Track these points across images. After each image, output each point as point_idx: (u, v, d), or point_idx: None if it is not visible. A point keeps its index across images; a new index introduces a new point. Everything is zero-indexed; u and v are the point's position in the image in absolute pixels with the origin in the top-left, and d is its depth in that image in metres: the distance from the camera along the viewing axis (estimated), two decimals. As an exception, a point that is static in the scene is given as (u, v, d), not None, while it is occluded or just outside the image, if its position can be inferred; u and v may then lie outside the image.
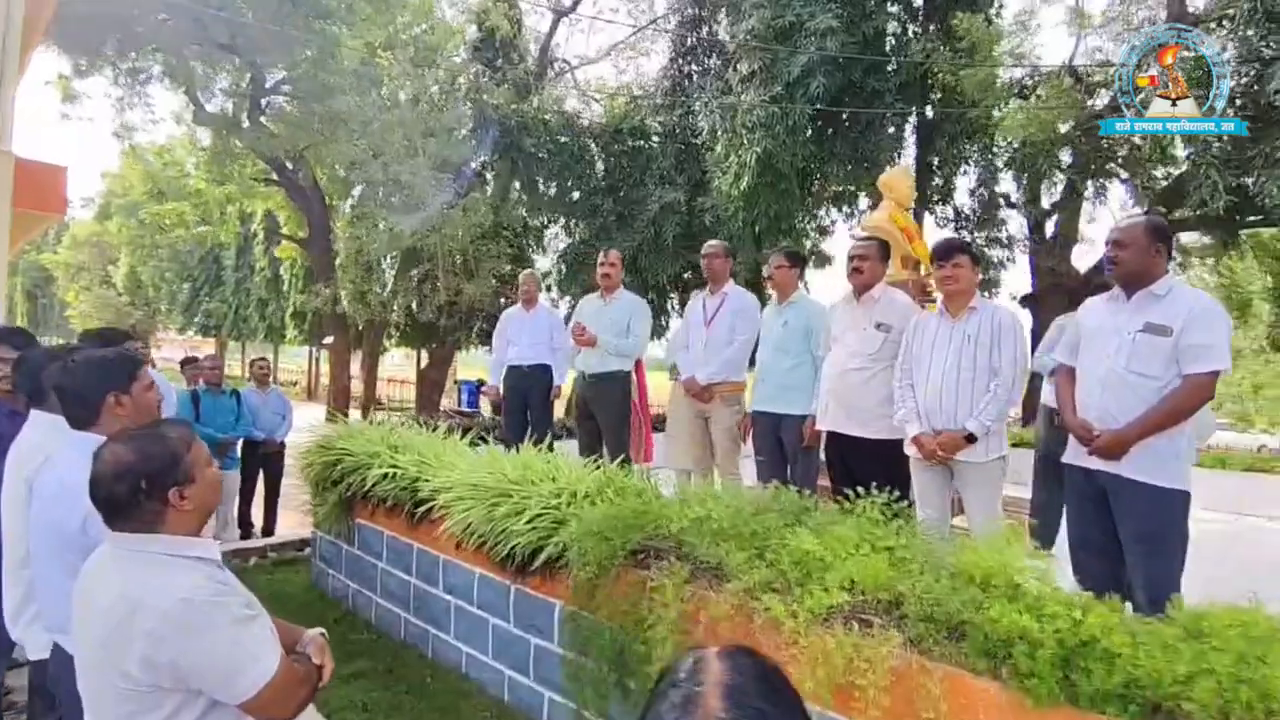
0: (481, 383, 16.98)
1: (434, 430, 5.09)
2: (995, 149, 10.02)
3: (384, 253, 13.96)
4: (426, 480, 4.22)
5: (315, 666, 1.68)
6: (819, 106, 9.55)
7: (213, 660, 1.40)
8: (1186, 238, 11.21)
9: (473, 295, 13.96)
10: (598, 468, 3.66)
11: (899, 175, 5.58)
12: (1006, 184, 10.93)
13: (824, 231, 12.66)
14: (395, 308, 15.87)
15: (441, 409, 15.60)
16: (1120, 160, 9.09)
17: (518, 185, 14.14)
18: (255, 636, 1.46)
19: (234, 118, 15.79)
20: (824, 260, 13.03)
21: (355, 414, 17.80)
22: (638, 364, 5.47)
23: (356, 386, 20.04)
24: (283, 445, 6.39)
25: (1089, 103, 9.04)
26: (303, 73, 12.87)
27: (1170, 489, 2.47)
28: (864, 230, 5.68)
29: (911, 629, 2.28)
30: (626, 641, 2.87)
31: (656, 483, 3.63)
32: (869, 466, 3.44)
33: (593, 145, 13.40)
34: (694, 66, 13.12)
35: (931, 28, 10.81)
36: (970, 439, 3.02)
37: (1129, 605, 2.49)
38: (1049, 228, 10.58)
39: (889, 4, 10.68)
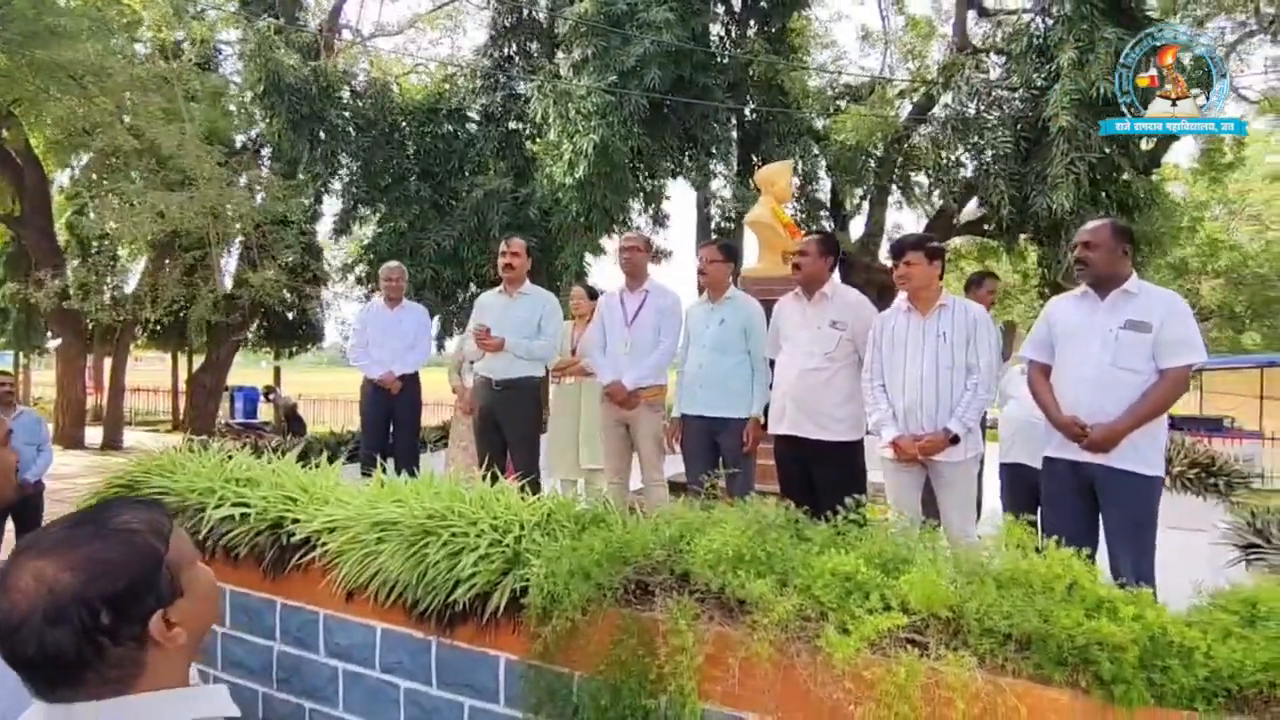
0: (270, 389, 14.81)
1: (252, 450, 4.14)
2: (816, 152, 10.70)
3: (138, 236, 11.50)
4: (298, 520, 3.40)
5: None
6: (654, 96, 9.49)
7: None
8: (960, 240, 13.01)
9: (257, 289, 12.04)
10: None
11: (779, 170, 5.58)
12: (819, 186, 11.74)
13: (659, 222, 12.68)
14: (148, 303, 13.25)
15: (220, 423, 13.35)
16: (925, 168, 10.20)
17: (307, 162, 12.40)
18: None
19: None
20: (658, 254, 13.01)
21: (94, 434, 14.69)
22: None
23: (96, 401, 16.53)
24: (40, 486, 4.84)
25: (894, 113, 10.01)
26: (15, 10, 10.12)
27: (1154, 476, 2.62)
28: (747, 225, 5.64)
29: (974, 645, 2.15)
30: (628, 698, 2.44)
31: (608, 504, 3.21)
32: (829, 470, 3.33)
33: (405, 125, 12.14)
34: (513, 49, 12.43)
35: (751, 32, 11.27)
36: (953, 439, 3.00)
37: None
38: (856, 228, 11.62)
39: (715, 3, 10.93)
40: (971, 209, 10.44)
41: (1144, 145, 9.65)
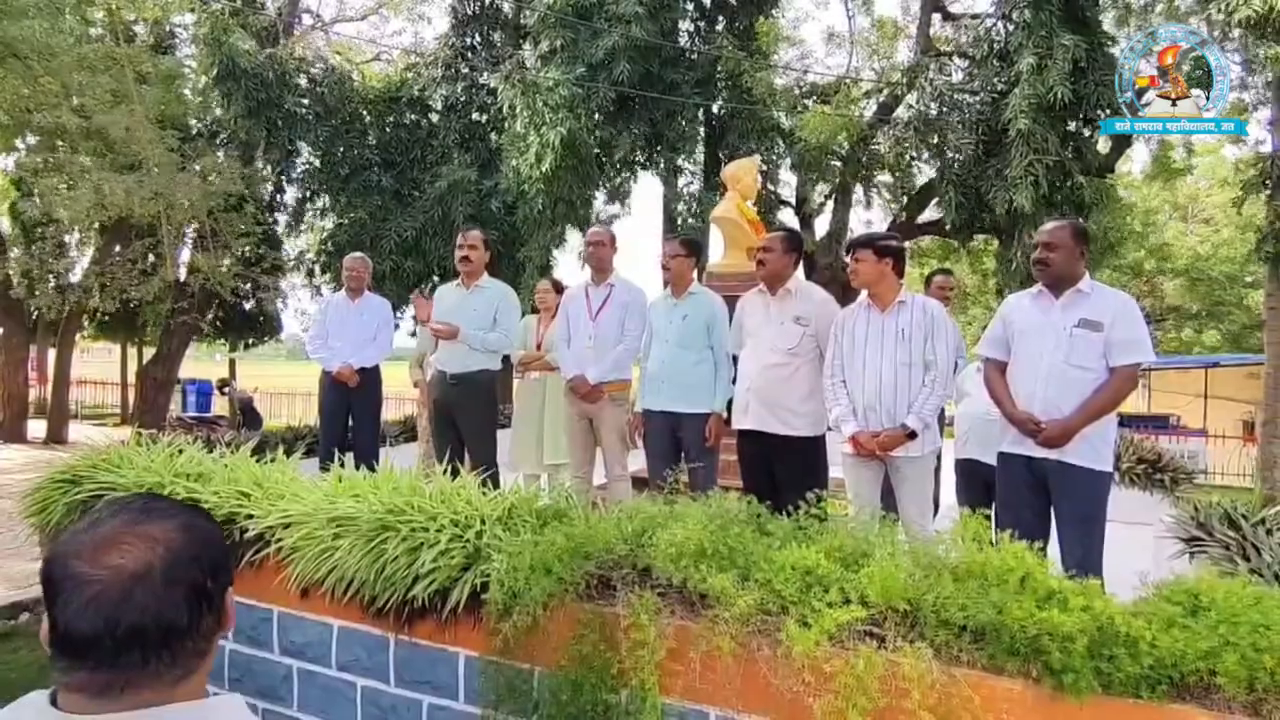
0: (224, 382, 14.41)
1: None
2: (780, 150, 10.79)
3: (81, 220, 11.07)
4: (252, 516, 3.32)
5: None
6: (622, 89, 9.47)
7: None
8: (925, 240, 13.24)
9: (208, 277, 11.71)
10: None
11: (745, 167, 5.60)
12: (783, 184, 11.83)
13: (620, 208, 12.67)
14: (96, 291, 12.77)
15: (172, 416, 12.95)
16: (889, 168, 10.36)
17: (265, 149, 12.07)
18: None
19: None
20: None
21: (37, 428, 14.14)
22: None
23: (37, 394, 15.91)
24: (-20, 480, 4.65)
25: (859, 113, 10.14)
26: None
27: (1104, 471, 2.70)
28: (712, 221, 5.65)
29: (930, 637, 2.18)
30: (589, 693, 2.43)
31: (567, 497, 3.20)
32: (792, 465, 3.36)
33: (365, 114, 11.89)
34: (477, 39, 12.26)
35: (719, 28, 11.31)
36: (911, 435, 3.05)
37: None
38: (819, 226, 11.74)
39: (685, 0, 10.95)
40: (933, 209, 10.64)
41: (1100, 149, 9.95)
